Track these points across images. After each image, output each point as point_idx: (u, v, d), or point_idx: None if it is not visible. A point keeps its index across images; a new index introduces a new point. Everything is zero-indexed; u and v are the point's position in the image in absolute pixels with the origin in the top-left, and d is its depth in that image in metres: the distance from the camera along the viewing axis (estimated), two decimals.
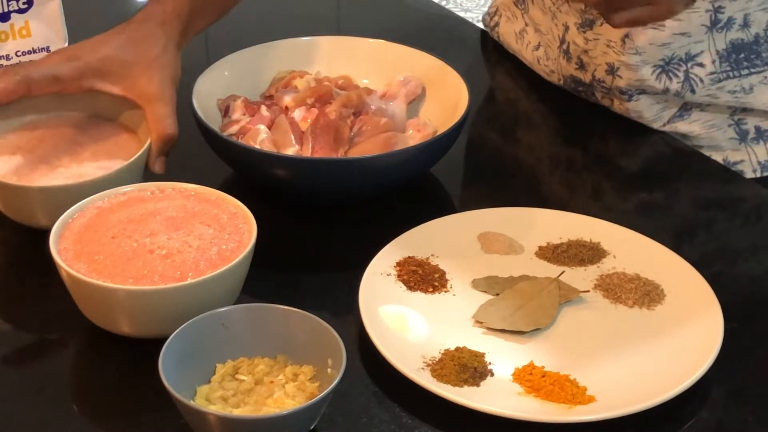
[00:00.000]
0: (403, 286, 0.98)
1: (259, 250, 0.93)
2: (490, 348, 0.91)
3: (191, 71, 1.16)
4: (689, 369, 0.87)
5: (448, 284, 0.99)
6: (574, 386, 0.87)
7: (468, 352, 0.90)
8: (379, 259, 0.99)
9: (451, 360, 0.89)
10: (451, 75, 1.17)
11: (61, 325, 0.96)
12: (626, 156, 1.23)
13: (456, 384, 0.87)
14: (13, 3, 1.12)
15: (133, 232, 0.93)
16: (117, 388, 0.89)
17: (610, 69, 1.23)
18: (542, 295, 0.97)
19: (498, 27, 1.41)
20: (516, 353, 0.91)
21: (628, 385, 0.87)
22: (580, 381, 0.88)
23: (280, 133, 1.11)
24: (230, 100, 1.16)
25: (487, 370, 0.89)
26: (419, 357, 0.90)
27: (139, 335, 0.91)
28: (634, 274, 1.00)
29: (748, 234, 1.11)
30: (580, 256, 1.02)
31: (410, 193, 1.14)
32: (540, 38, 1.33)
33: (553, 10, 1.29)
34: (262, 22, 1.51)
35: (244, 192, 1.01)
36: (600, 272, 1.00)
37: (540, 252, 1.03)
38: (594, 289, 0.98)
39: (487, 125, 1.28)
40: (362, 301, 0.94)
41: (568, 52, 1.27)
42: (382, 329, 0.92)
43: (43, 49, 1.14)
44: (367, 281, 0.96)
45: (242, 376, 0.85)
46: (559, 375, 0.88)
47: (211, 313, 0.87)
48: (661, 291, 0.98)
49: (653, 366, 0.89)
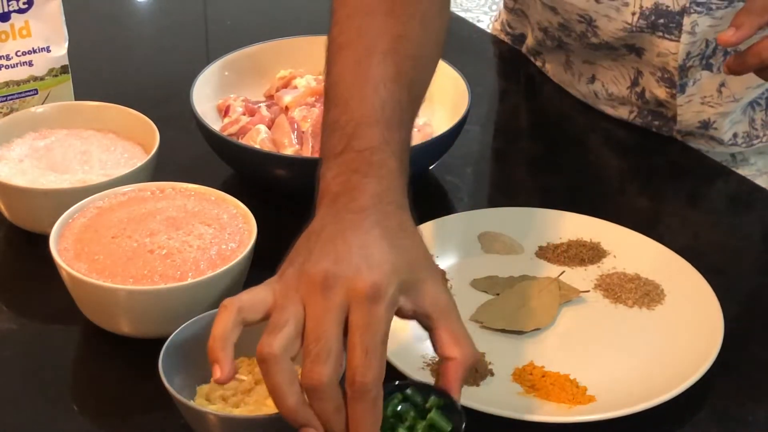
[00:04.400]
0: None
1: (259, 250, 0.93)
2: (490, 348, 0.91)
3: (191, 71, 1.16)
4: (689, 369, 0.87)
5: (448, 284, 0.99)
6: (574, 386, 0.87)
7: None
8: None
9: None
10: (451, 75, 1.17)
11: (61, 325, 0.96)
12: (626, 156, 1.23)
13: None
14: (13, 3, 1.12)
15: (134, 232, 0.93)
16: (117, 388, 0.89)
17: (704, 125, 1.20)
18: (542, 294, 0.96)
19: (542, 55, 1.34)
20: (516, 353, 0.91)
21: (629, 385, 0.87)
22: (581, 381, 0.88)
23: (280, 133, 1.11)
24: (230, 100, 1.16)
25: (487, 370, 0.89)
26: (419, 357, 0.90)
27: (139, 335, 0.91)
28: (634, 274, 1.00)
29: (747, 233, 1.11)
30: (580, 256, 1.02)
31: (410, 193, 1.13)
32: (595, 71, 1.26)
33: (613, 56, 1.22)
34: (262, 22, 1.51)
35: (244, 192, 1.01)
36: (600, 272, 1.00)
37: (540, 252, 1.03)
38: (594, 289, 0.98)
39: (487, 125, 1.28)
40: None
41: (643, 97, 1.23)
42: None
43: (43, 49, 1.14)
44: None
45: (242, 376, 0.85)
46: (559, 375, 0.88)
47: (211, 313, 0.86)
48: (661, 291, 0.98)
49: (653, 366, 0.89)
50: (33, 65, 1.15)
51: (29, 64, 1.14)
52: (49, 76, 1.16)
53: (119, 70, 1.38)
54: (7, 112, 1.14)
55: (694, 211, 1.14)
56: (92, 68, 1.33)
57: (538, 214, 1.06)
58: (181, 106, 1.13)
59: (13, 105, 1.15)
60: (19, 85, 1.15)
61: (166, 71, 1.37)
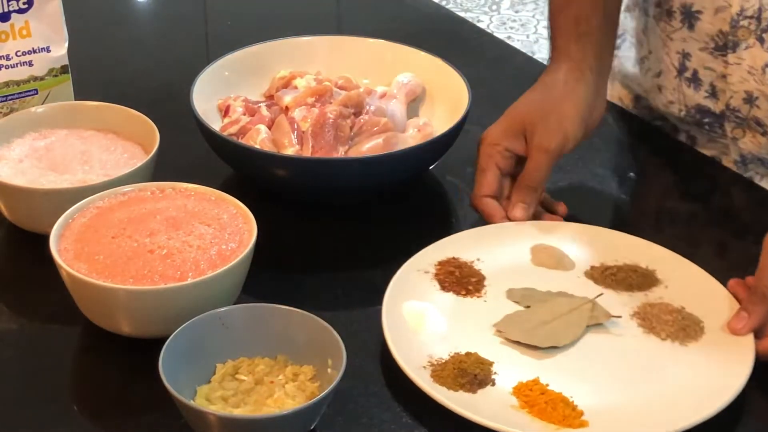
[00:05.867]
0: (436, 285, 0.97)
1: (259, 250, 0.93)
2: (500, 358, 0.90)
3: (191, 71, 1.16)
4: (690, 414, 0.84)
5: (483, 290, 0.97)
6: (570, 408, 0.85)
7: (476, 358, 0.89)
8: (422, 255, 0.98)
9: (453, 364, 0.88)
10: (451, 75, 1.17)
11: (61, 325, 0.96)
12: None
13: (451, 388, 0.86)
14: (13, 3, 1.11)
15: (134, 232, 0.93)
16: (117, 388, 0.89)
17: (748, 98, 1.16)
18: (572, 314, 0.94)
19: (618, 50, 1.32)
20: (524, 367, 0.90)
21: (627, 417, 0.85)
22: (579, 404, 0.86)
23: (280, 133, 1.11)
24: (230, 100, 1.16)
25: (490, 379, 0.88)
26: (425, 356, 0.89)
27: (139, 335, 0.91)
28: (679, 307, 0.96)
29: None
30: (628, 281, 0.98)
31: (410, 193, 1.14)
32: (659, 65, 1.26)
33: (663, 38, 1.22)
34: (262, 22, 1.51)
35: (244, 192, 1.01)
36: (645, 300, 0.97)
37: (589, 271, 1.00)
38: (632, 316, 0.95)
39: (487, 125, 1.28)
40: (389, 292, 0.93)
41: (695, 80, 1.20)
42: (397, 322, 0.91)
43: (43, 49, 1.14)
44: (401, 275, 0.95)
45: (242, 376, 0.85)
46: (557, 394, 0.87)
47: (211, 313, 0.87)
48: (701, 327, 0.94)
49: (658, 402, 0.87)
50: (33, 65, 1.14)
51: (29, 64, 1.14)
52: (49, 76, 1.16)
53: (119, 70, 1.38)
54: (7, 112, 1.14)
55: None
56: (92, 68, 1.33)
57: (603, 233, 1.03)
58: (181, 106, 1.13)
59: (13, 105, 1.15)
60: (19, 85, 1.15)
61: (166, 71, 1.37)
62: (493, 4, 3.55)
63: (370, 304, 0.97)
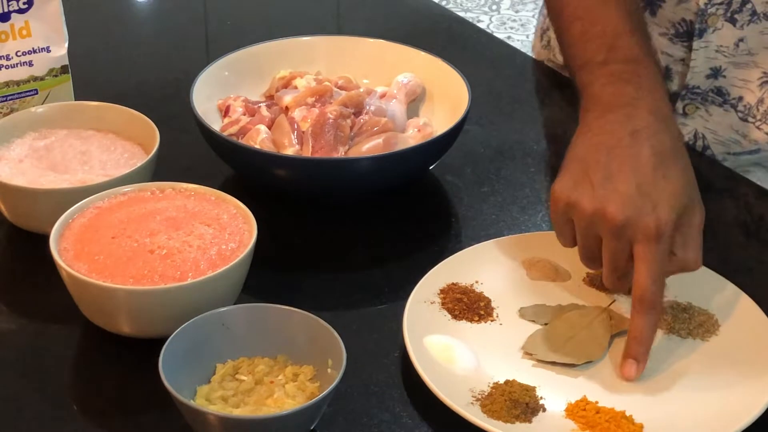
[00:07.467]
0: (447, 315, 0.94)
1: (259, 250, 0.93)
2: (540, 381, 0.88)
3: (191, 71, 1.16)
4: (752, 401, 0.84)
5: (494, 313, 0.95)
6: (631, 423, 0.84)
7: (518, 386, 0.87)
8: (422, 286, 0.95)
9: (501, 395, 0.86)
10: (451, 75, 1.17)
11: (61, 325, 0.96)
12: None
13: (508, 420, 0.84)
14: (13, 3, 1.11)
15: (134, 232, 0.93)
16: (117, 388, 0.89)
17: (713, 72, 1.15)
18: (593, 325, 0.93)
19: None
20: (568, 387, 0.88)
21: (687, 421, 0.84)
22: (636, 417, 0.84)
23: (280, 133, 1.11)
24: (230, 100, 1.16)
25: (539, 405, 0.86)
26: (467, 391, 0.86)
27: (139, 335, 0.91)
28: (687, 303, 0.95)
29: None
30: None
31: (410, 193, 1.14)
32: None
33: None
34: (262, 22, 1.51)
35: (244, 192, 1.01)
36: None
37: (588, 279, 0.99)
38: None
39: (487, 125, 1.28)
40: (407, 331, 0.90)
41: None
42: (429, 362, 0.88)
43: (43, 49, 1.14)
44: (411, 309, 0.92)
45: (242, 376, 0.85)
46: (615, 411, 0.85)
47: (211, 313, 0.87)
48: (715, 321, 0.94)
49: (713, 399, 0.86)
50: (33, 65, 1.14)
51: (29, 64, 1.14)
52: (49, 76, 1.16)
53: (119, 70, 1.38)
54: (7, 112, 1.14)
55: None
56: (92, 68, 1.33)
57: None
58: (181, 106, 1.13)
59: (13, 105, 1.15)
60: (19, 85, 1.15)
61: (166, 71, 1.37)
62: (493, 4, 3.55)
63: (370, 304, 0.97)
